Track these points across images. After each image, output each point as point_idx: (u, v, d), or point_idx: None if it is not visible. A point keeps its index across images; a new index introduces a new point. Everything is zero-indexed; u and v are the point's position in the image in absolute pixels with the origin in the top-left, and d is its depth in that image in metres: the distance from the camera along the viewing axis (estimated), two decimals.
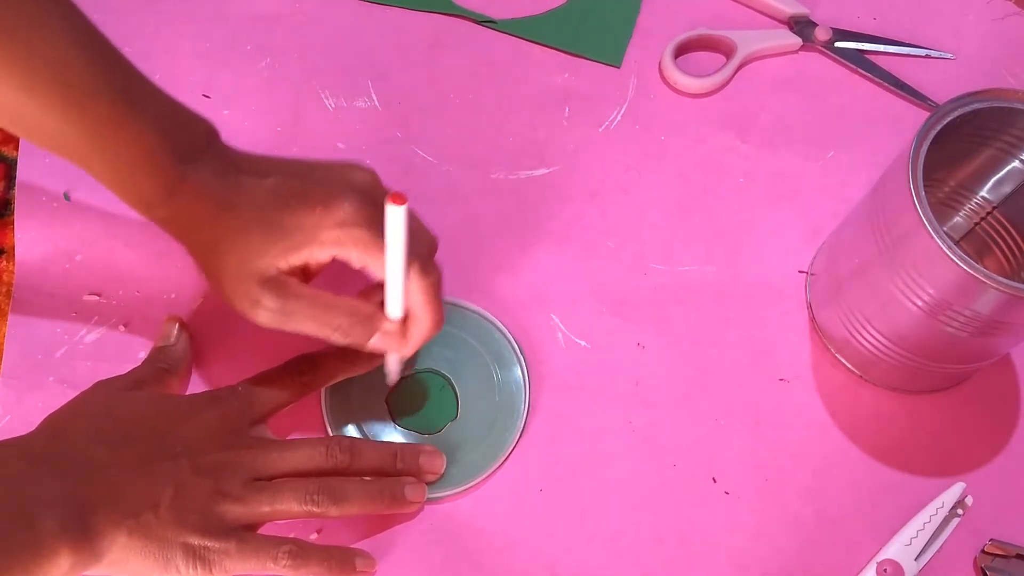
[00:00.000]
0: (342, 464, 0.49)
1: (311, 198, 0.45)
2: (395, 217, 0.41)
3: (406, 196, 0.40)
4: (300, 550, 0.46)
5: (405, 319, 0.48)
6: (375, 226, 0.45)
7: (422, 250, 0.47)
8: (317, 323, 0.47)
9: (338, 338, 0.48)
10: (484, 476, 0.53)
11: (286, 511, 0.46)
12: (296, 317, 0.47)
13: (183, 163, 0.46)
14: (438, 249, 0.51)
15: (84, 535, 0.42)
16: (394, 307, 0.47)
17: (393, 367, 0.52)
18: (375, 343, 0.48)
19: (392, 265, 0.44)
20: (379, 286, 0.47)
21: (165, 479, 0.44)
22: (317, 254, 0.46)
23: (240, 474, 0.46)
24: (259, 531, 0.47)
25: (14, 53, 0.42)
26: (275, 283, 0.46)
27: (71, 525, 0.41)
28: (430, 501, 0.52)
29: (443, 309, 0.49)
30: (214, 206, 0.46)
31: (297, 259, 0.46)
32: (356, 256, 0.46)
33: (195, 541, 0.44)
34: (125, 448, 0.45)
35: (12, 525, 0.40)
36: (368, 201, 0.46)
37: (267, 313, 0.46)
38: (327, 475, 0.48)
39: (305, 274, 0.48)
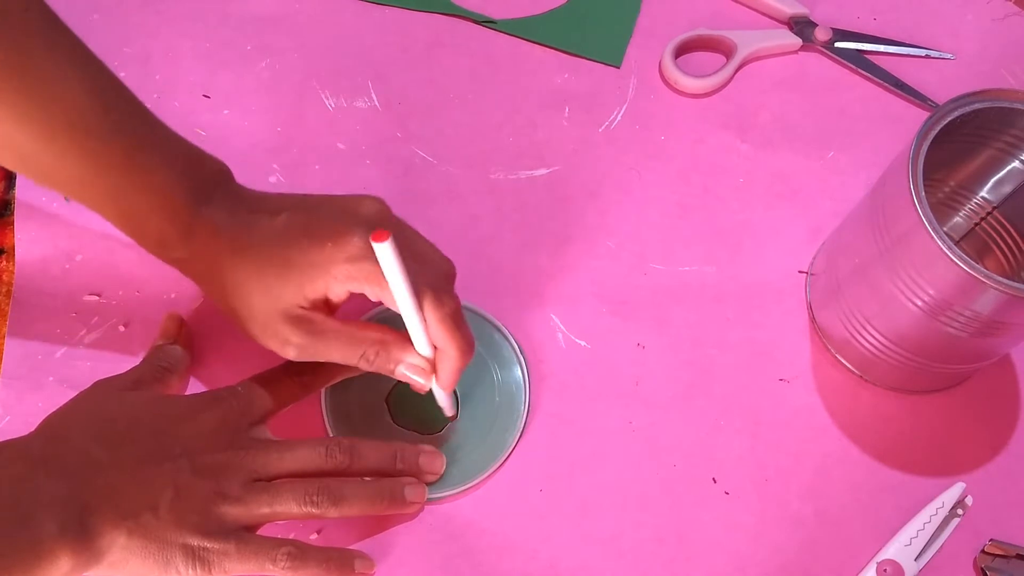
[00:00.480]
0: (342, 465, 0.49)
1: (321, 233, 0.46)
2: (383, 254, 0.41)
3: (388, 232, 0.41)
4: (299, 551, 0.46)
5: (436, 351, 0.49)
6: None
7: (434, 280, 0.47)
8: (344, 354, 0.48)
9: (364, 365, 0.48)
10: (484, 476, 0.53)
11: (286, 512, 0.46)
12: (324, 350, 0.48)
13: (197, 205, 0.47)
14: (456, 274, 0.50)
15: (84, 536, 0.42)
16: (419, 343, 0.48)
17: (443, 401, 0.52)
18: (403, 373, 0.49)
19: (400, 300, 0.44)
20: None
21: (165, 480, 0.44)
22: (333, 289, 0.46)
23: (240, 475, 0.46)
24: (259, 532, 0.47)
25: (32, 101, 0.42)
26: (301, 321, 0.47)
27: (71, 526, 0.41)
28: (430, 501, 0.52)
29: (470, 337, 0.49)
30: (228, 248, 0.47)
31: (314, 293, 0.46)
32: (370, 291, 0.46)
33: (195, 542, 0.44)
34: (124, 449, 0.45)
35: (12, 527, 0.40)
36: None
37: (296, 349, 0.47)
38: (327, 476, 0.48)
39: (328, 308, 0.48)
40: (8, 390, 0.53)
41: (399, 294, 0.44)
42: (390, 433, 0.54)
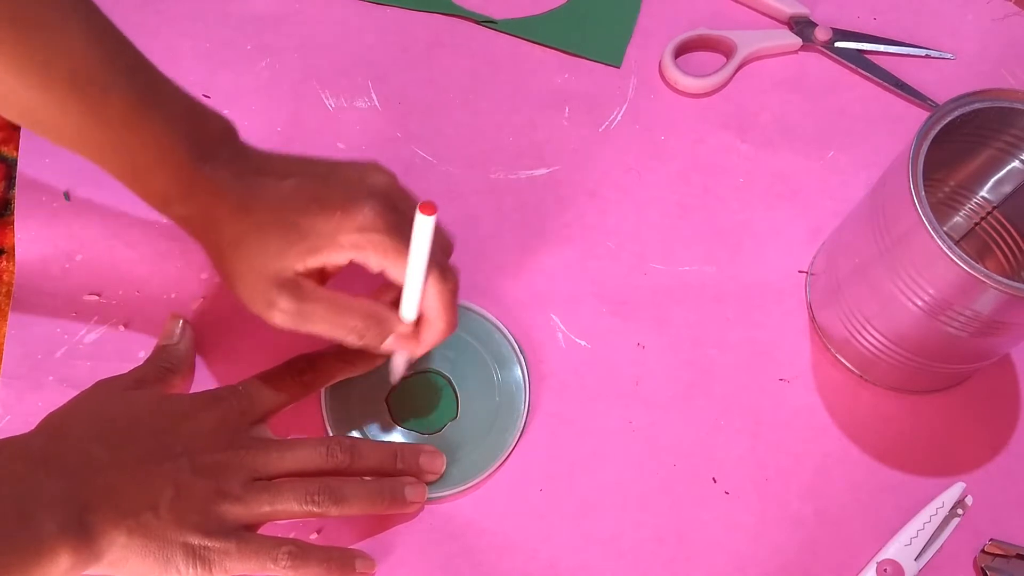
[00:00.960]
0: (342, 464, 0.49)
1: (331, 202, 0.45)
2: (423, 227, 0.41)
3: (436, 206, 0.40)
4: (300, 551, 0.46)
5: (418, 320, 0.48)
6: (394, 231, 0.45)
7: (440, 254, 0.47)
8: (332, 325, 0.47)
9: (353, 340, 0.48)
10: (484, 476, 0.53)
11: (286, 511, 0.46)
12: (312, 319, 0.47)
13: (200, 161, 0.46)
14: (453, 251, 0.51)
15: (84, 535, 0.42)
16: (409, 310, 0.47)
17: (399, 366, 0.52)
18: (388, 344, 0.48)
19: (413, 271, 0.44)
20: (392, 285, 0.47)
21: (165, 479, 0.44)
22: (335, 258, 0.46)
23: (240, 474, 0.46)
24: (259, 531, 0.47)
25: (32, 51, 0.42)
26: (291, 285, 0.46)
27: (71, 525, 0.41)
28: (430, 501, 0.52)
29: (458, 313, 0.49)
30: (232, 206, 0.46)
31: (315, 262, 0.46)
32: (375, 261, 0.46)
33: (195, 541, 0.44)
34: (124, 448, 0.45)
35: (12, 525, 0.40)
36: (388, 206, 0.46)
37: (282, 315, 0.46)
38: (327, 475, 0.48)
39: (321, 276, 0.48)
40: (8, 390, 0.53)
41: (416, 265, 0.44)
42: (390, 433, 0.54)
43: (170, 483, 0.44)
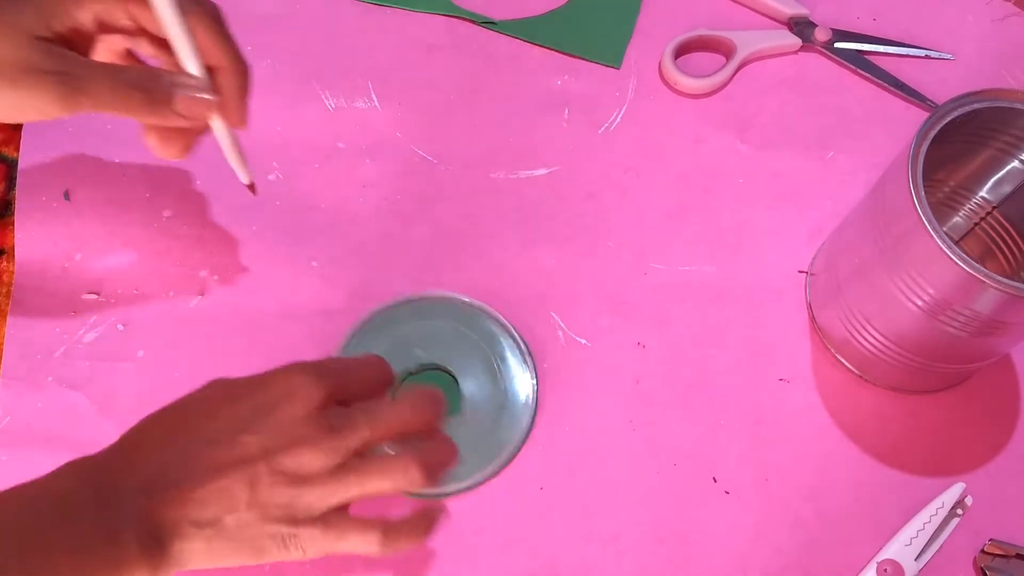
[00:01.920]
0: (427, 420, 0.46)
1: None
2: None
3: None
4: (391, 529, 0.44)
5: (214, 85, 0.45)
6: None
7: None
8: (113, 80, 0.44)
9: (137, 97, 0.44)
10: (485, 476, 0.53)
11: (377, 490, 0.44)
12: (86, 79, 0.43)
13: None
14: None
15: (161, 551, 0.41)
16: (185, 55, 0.44)
17: (230, 152, 0.49)
18: (184, 100, 0.45)
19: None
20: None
21: (240, 481, 0.42)
22: (76, 15, 0.43)
23: (321, 460, 0.43)
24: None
25: None
26: (50, 51, 0.43)
27: (148, 542, 0.40)
28: (431, 501, 0.52)
29: (238, 49, 0.45)
30: None
31: (59, 24, 0.43)
32: (119, 9, 0.44)
33: (284, 530, 0.42)
34: (199, 455, 0.42)
35: (93, 544, 0.39)
36: None
37: (51, 83, 0.42)
38: (412, 434, 0.45)
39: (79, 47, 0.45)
40: (8, 390, 0.53)
41: None
42: None
43: (246, 484, 0.42)
